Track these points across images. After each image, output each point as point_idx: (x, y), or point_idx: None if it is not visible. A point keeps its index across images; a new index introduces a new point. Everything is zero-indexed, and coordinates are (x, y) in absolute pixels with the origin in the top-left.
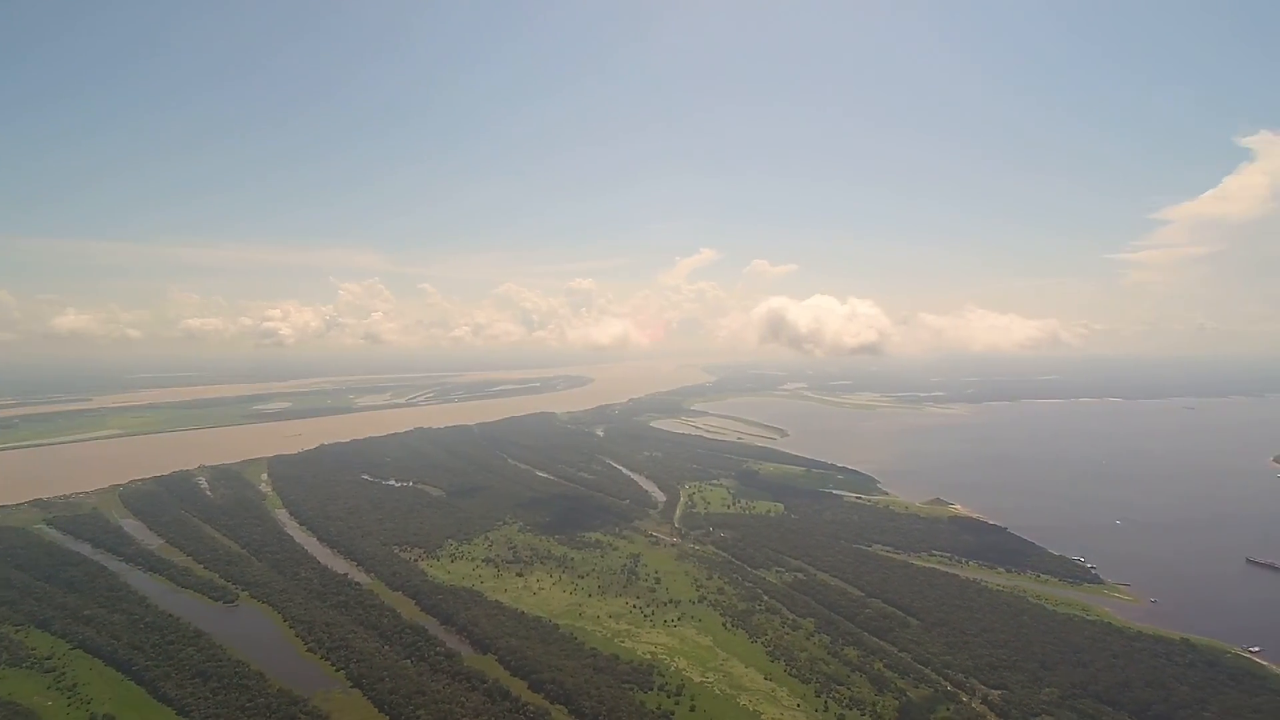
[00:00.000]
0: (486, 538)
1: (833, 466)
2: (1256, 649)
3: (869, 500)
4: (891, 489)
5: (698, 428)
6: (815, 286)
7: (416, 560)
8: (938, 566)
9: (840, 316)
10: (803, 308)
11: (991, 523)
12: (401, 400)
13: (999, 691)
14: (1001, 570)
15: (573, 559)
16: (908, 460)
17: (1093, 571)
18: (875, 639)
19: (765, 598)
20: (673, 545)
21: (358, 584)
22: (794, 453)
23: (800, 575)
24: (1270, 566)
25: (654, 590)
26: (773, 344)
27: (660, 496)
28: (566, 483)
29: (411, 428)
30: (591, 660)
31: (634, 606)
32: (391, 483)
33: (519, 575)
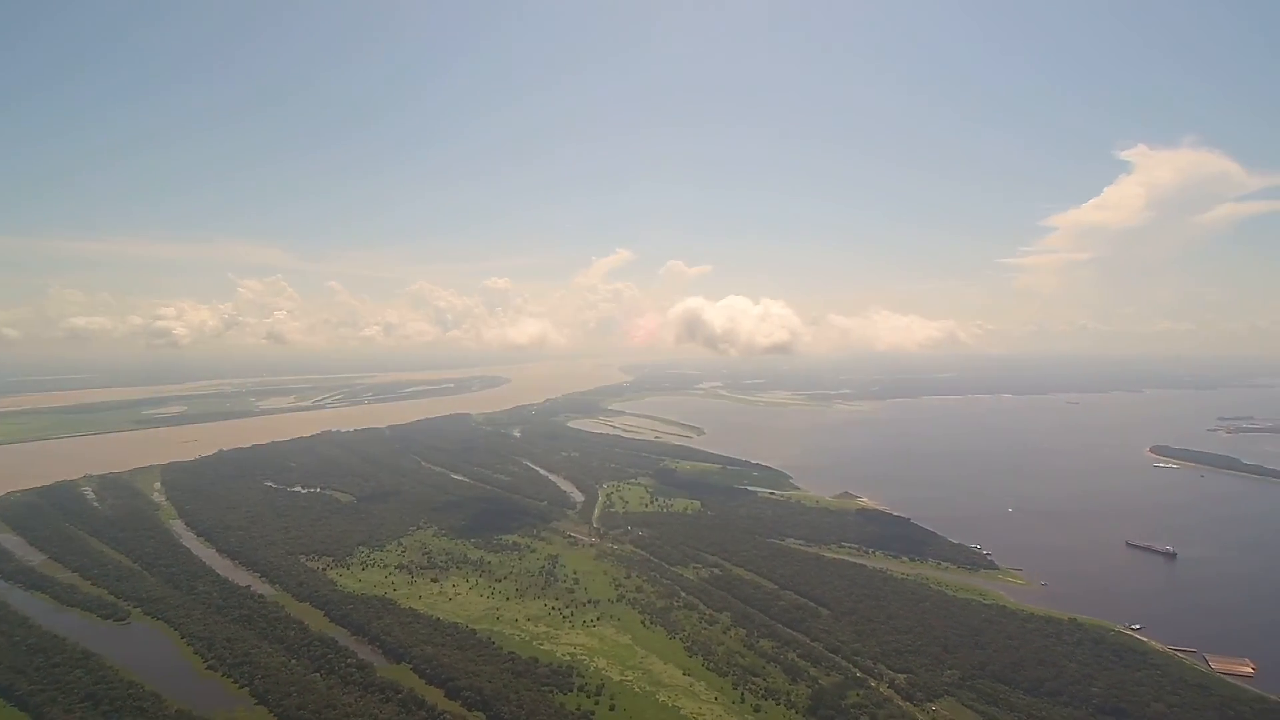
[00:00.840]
0: (399, 544)
1: (748, 463)
2: (1138, 626)
3: (782, 495)
4: (803, 484)
5: (616, 427)
6: (730, 287)
7: (325, 569)
8: (847, 558)
9: (754, 317)
10: (718, 308)
11: (896, 514)
12: (307, 403)
13: (904, 675)
14: (905, 559)
15: (490, 562)
16: (818, 456)
17: (988, 558)
18: (789, 630)
19: (683, 594)
20: (591, 545)
21: (261, 596)
22: (711, 450)
23: (717, 571)
24: (1148, 549)
25: (573, 591)
26: (689, 344)
27: (578, 496)
28: (483, 485)
29: (318, 431)
30: (510, 664)
31: (553, 608)
32: (297, 489)
33: (434, 581)
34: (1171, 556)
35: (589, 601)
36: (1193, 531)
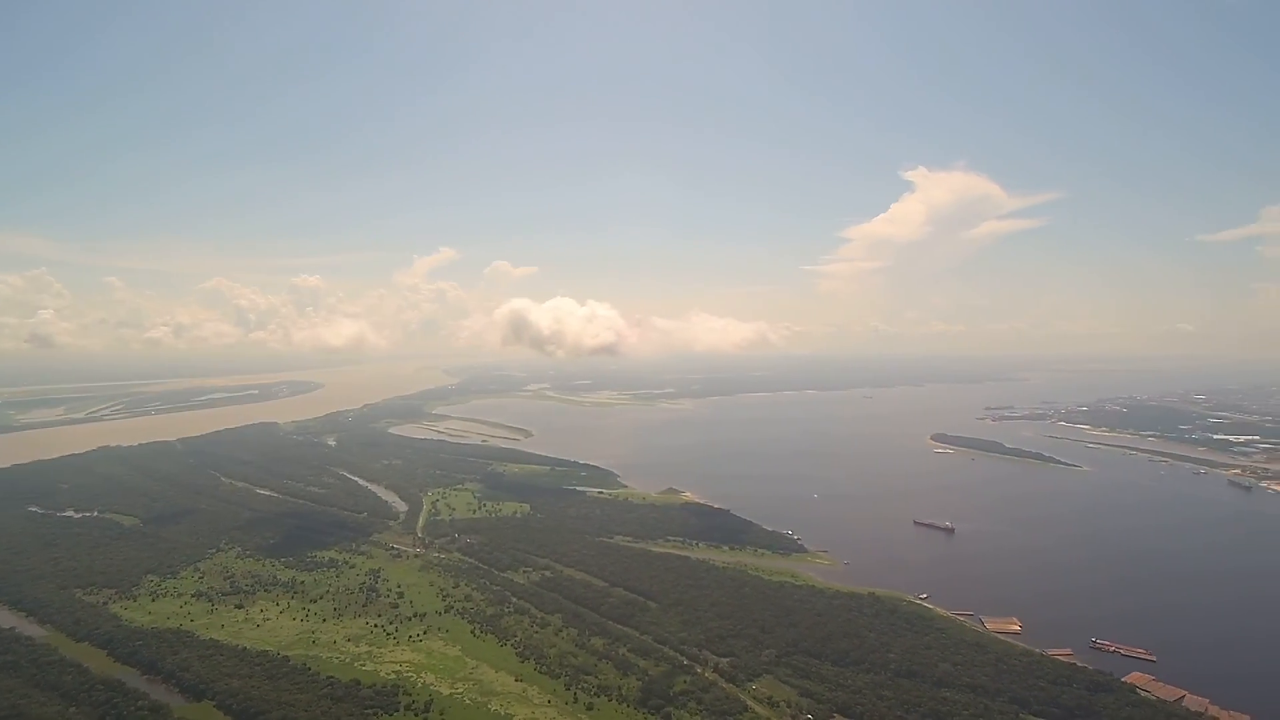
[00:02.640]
0: (196, 569)
1: (576, 464)
2: (925, 595)
3: (610, 494)
4: (630, 482)
5: (440, 432)
6: (556, 289)
7: (107, 603)
8: (673, 551)
9: (580, 319)
10: (544, 310)
11: (716, 506)
12: (81, 414)
13: (727, 659)
14: (726, 548)
15: (303, 582)
16: (644, 453)
17: (799, 542)
18: (619, 626)
19: (514, 599)
20: (416, 556)
21: (30, 639)
22: (539, 452)
23: (548, 573)
24: (931, 526)
25: (397, 606)
26: (516, 345)
27: (401, 506)
28: (293, 499)
29: (95, 447)
30: (329, 690)
31: (375, 626)
32: (69, 514)
33: (238, 607)
34: (951, 532)
35: (415, 615)
36: (967, 508)
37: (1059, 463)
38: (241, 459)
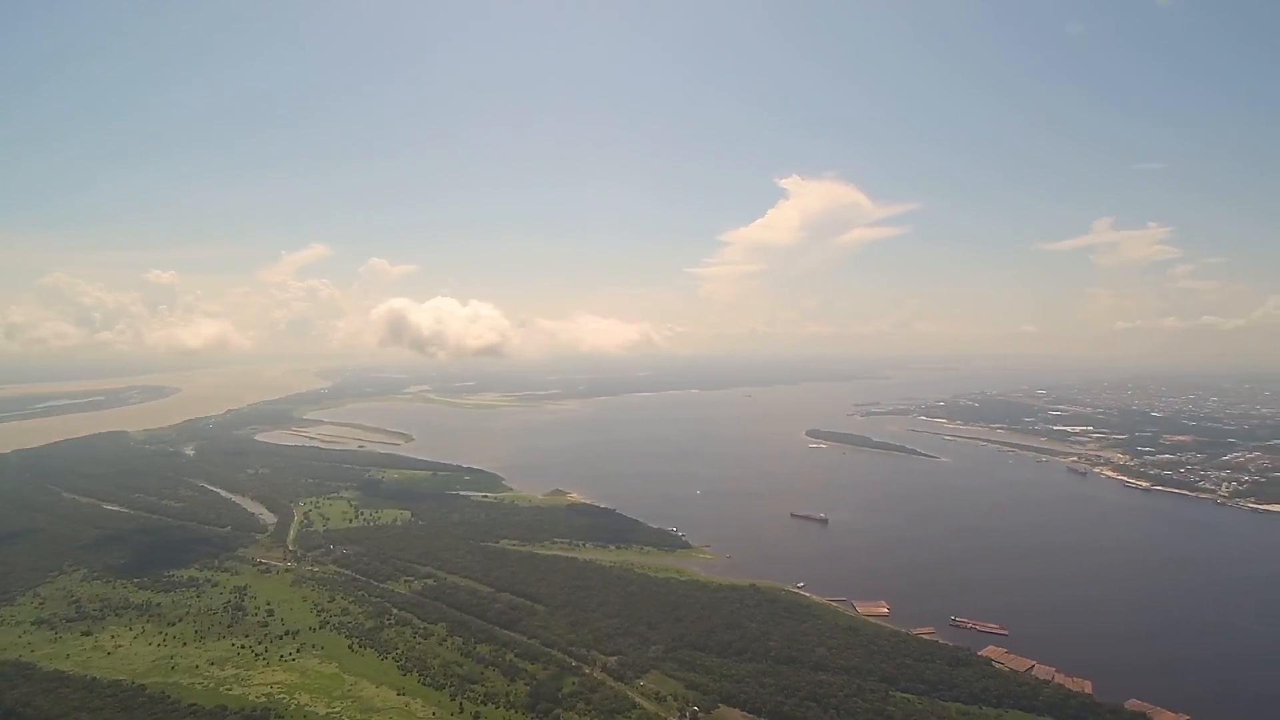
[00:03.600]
0: (36, 594)
1: (459, 467)
2: (802, 584)
3: (495, 497)
4: (515, 484)
5: (313, 438)
6: (436, 288)
7: None
8: (559, 553)
9: (462, 319)
10: (425, 310)
11: (603, 506)
12: None
13: (615, 657)
14: (612, 548)
15: (159, 604)
16: (529, 455)
17: (683, 539)
18: (506, 631)
19: (395, 610)
20: (287, 570)
21: None
22: (420, 457)
23: (430, 581)
24: (807, 517)
25: (266, 624)
26: (394, 346)
27: (270, 518)
28: (147, 514)
29: None
30: (191, 718)
31: (242, 646)
32: None
33: (86, 634)
34: (825, 523)
35: (286, 633)
36: (840, 500)
37: (920, 454)
38: (86, 472)
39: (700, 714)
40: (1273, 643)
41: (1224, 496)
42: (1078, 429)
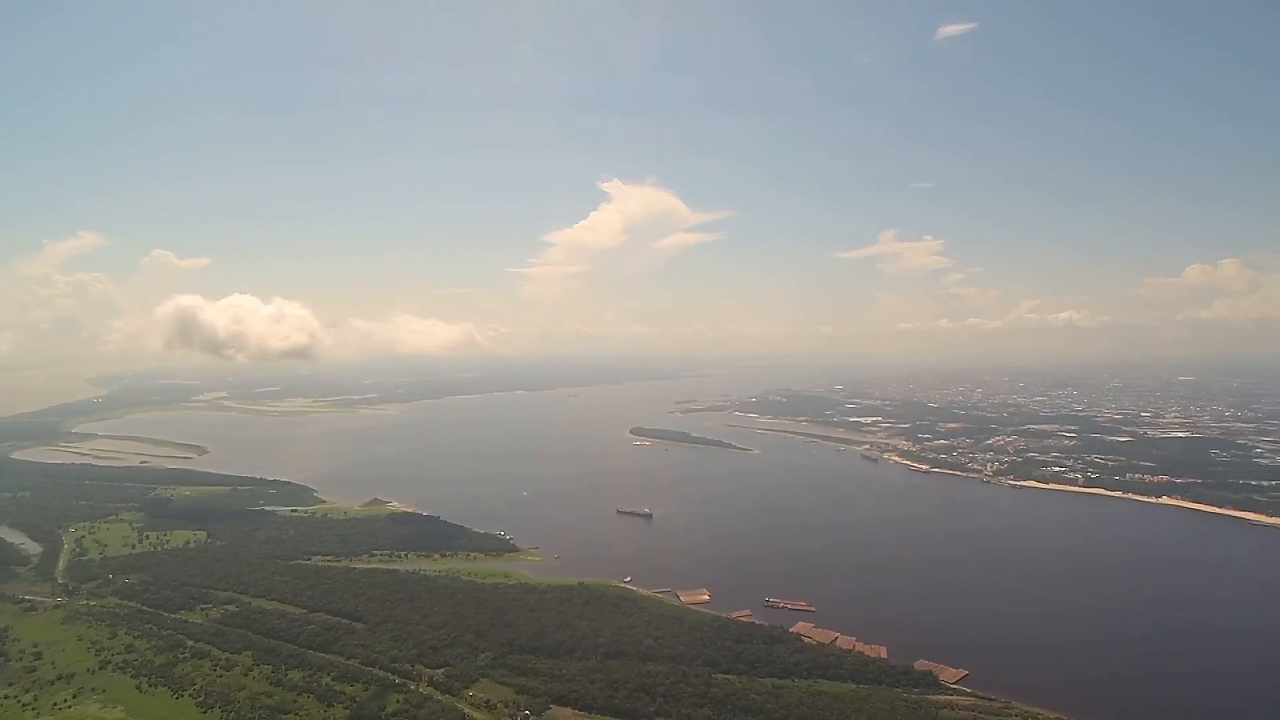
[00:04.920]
0: None
1: (264, 480)
2: (629, 579)
3: (306, 511)
4: (329, 496)
5: (85, 454)
6: (234, 284)
7: None
8: (379, 565)
9: (265, 318)
10: (220, 308)
11: (425, 514)
12: None
13: (442, 669)
14: (437, 556)
15: None
16: (344, 464)
17: (511, 542)
18: (321, 654)
19: (191, 642)
20: (57, 607)
21: None
22: (217, 471)
23: (232, 607)
24: (632, 513)
25: (34, 669)
26: (184, 349)
27: (34, 548)
28: None
29: None
30: None
31: (6, 697)
32: None
33: None
34: (649, 517)
35: (60, 678)
36: (663, 494)
37: (736, 448)
38: None
39: (531, 717)
40: (1034, 600)
41: (988, 475)
42: (869, 420)
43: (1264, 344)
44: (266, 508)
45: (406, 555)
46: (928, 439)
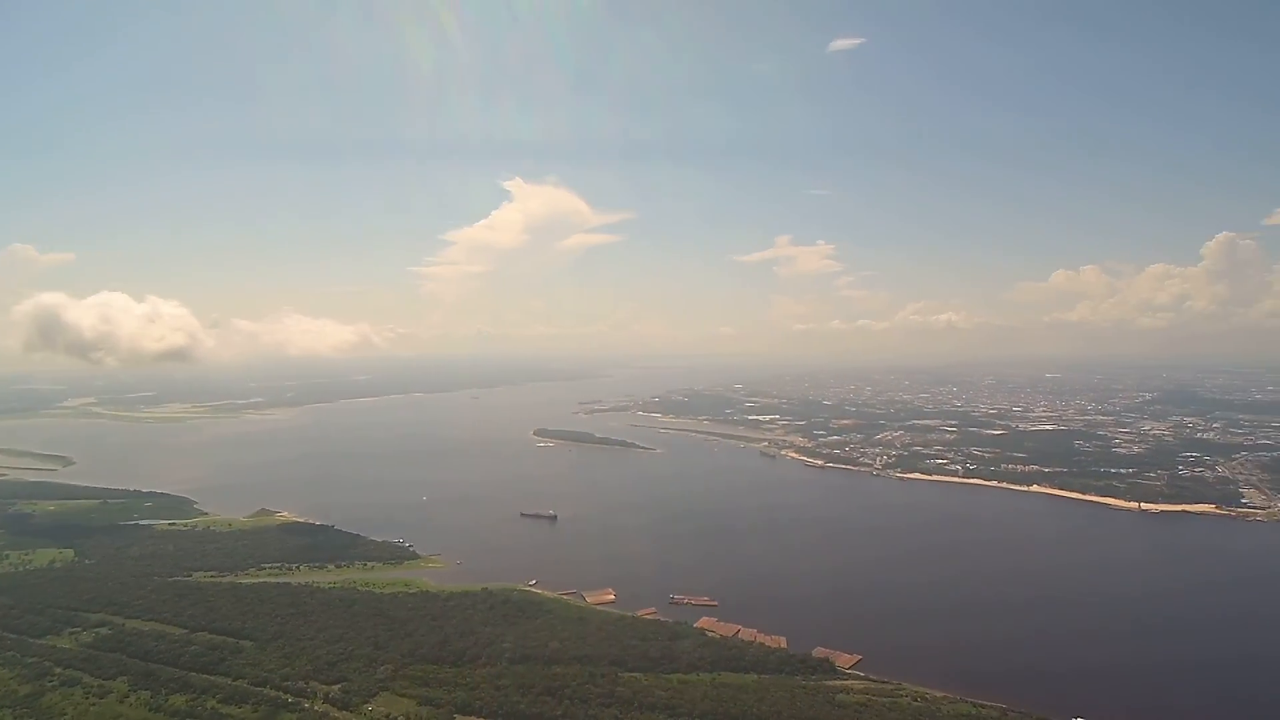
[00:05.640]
0: None
1: (138, 493)
2: (534, 581)
3: (186, 524)
4: (212, 507)
5: None
6: (102, 281)
7: None
8: (269, 579)
9: (138, 318)
10: (87, 307)
11: (319, 523)
12: None
13: (338, 685)
14: (331, 567)
15: None
16: (228, 473)
17: (410, 549)
18: (205, 676)
19: (59, 669)
20: None
21: None
22: (84, 484)
23: (105, 630)
24: (536, 515)
25: None
26: (47, 352)
27: None
28: None
29: None
30: None
31: None
32: None
33: None
34: (553, 519)
35: None
36: (567, 495)
37: (640, 447)
38: None
39: None
40: (920, 585)
41: (878, 469)
42: (768, 418)
43: (1120, 343)
44: (141, 522)
45: (298, 567)
46: (822, 435)
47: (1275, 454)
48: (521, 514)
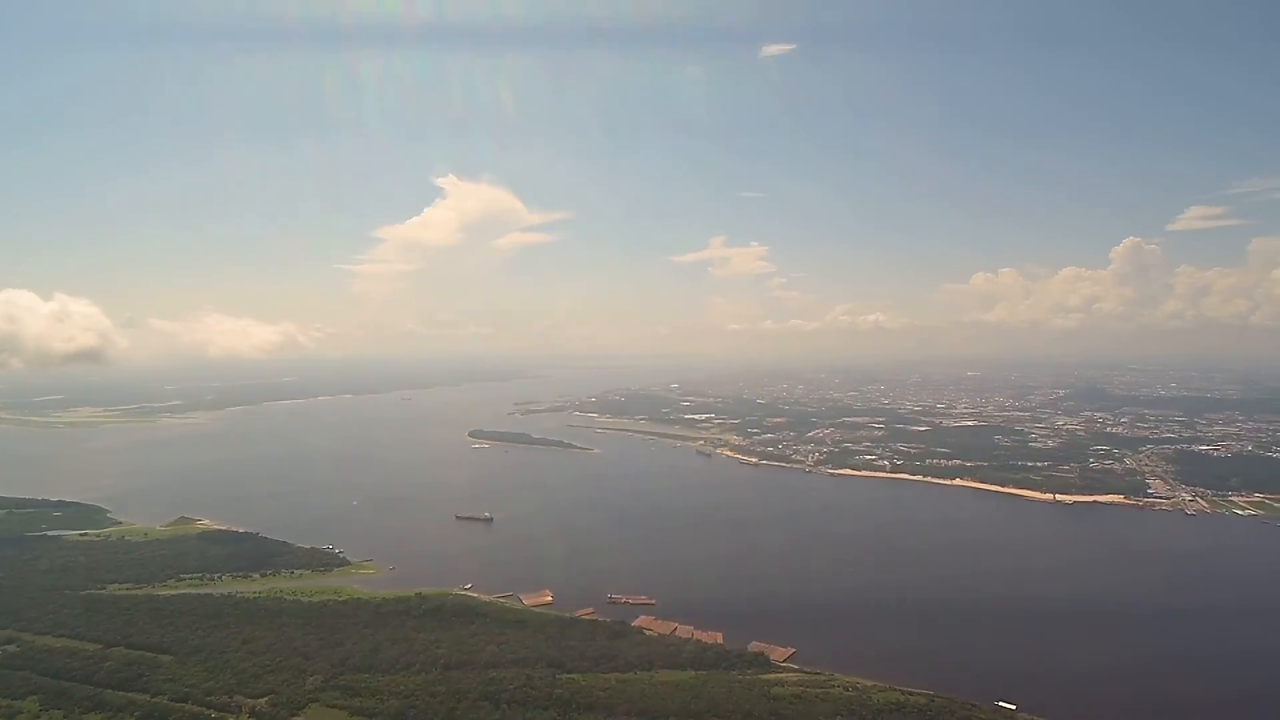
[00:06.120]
0: None
1: (46, 502)
2: (469, 585)
3: (99, 534)
4: (126, 516)
5: None
6: (4, 279)
7: None
8: (189, 591)
9: (45, 317)
10: None
11: (242, 530)
12: None
13: (265, 698)
14: (257, 576)
15: None
16: (144, 480)
17: (341, 555)
18: (122, 693)
19: None
20: None
21: None
22: None
23: (12, 648)
24: (472, 518)
25: None
26: None
27: None
28: None
29: None
30: None
31: None
32: None
33: None
34: (489, 521)
35: None
36: (503, 497)
37: (576, 448)
38: None
39: None
40: (849, 579)
41: (810, 466)
42: (703, 417)
43: (1035, 342)
44: (50, 532)
45: (221, 577)
46: (756, 433)
47: (1178, 446)
48: (457, 517)
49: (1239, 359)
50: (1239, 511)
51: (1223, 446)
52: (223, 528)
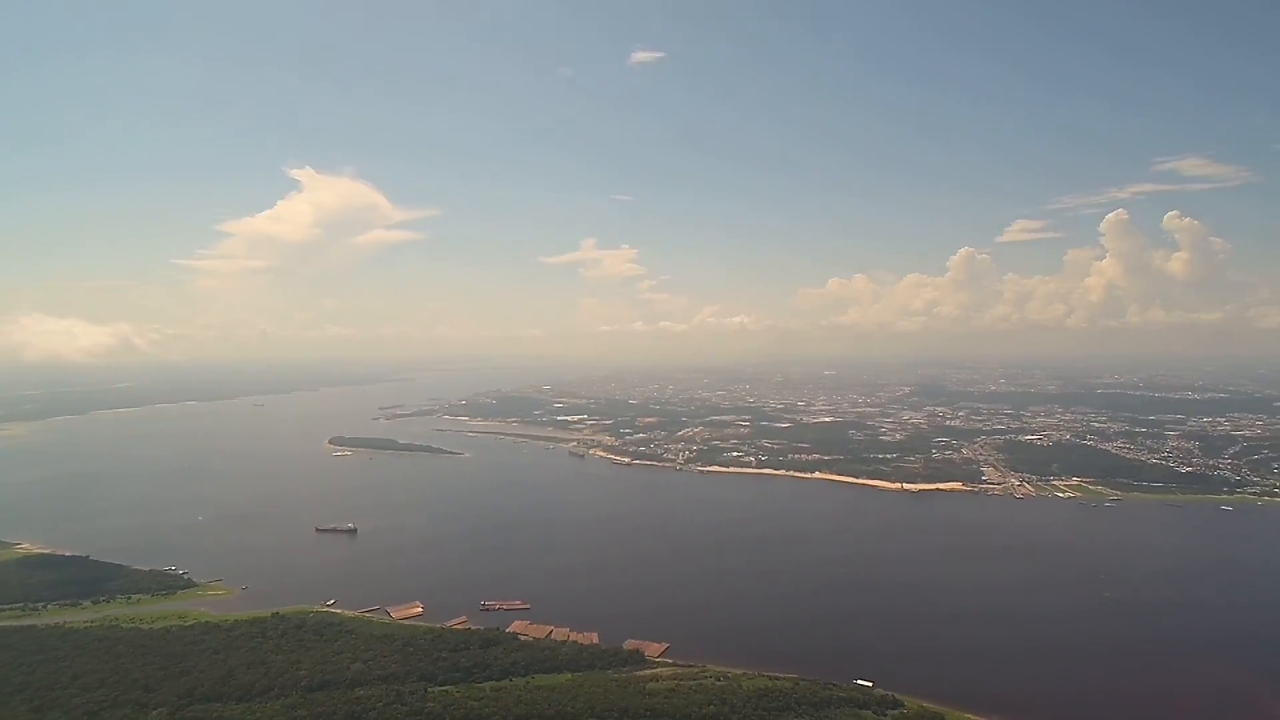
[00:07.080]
0: None
1: None
2: (332, 601)
3: None
4: None
5: None
6: None
7: None
8: (8, 623)
9: None
10: None
11: (70, 554)
12: None
13: None
14: (87, 604)
15: None
16: None
17: (185, 577)
18: None
19: None
20: None
21: None
22: None
23: None
24: (334, 530)
25: None
26: None
27: None
28: None
29: None
30: None
31: None
32: None
33: None
34: (353, 532)
35: None
36: (368, 507)
37: (445, 452)
38: None
39: None
40: (718, 572)
41: (681, 464)
42: (576, 418)
43: (884, 343)
44: None
45: (45, 607)
46: (629, 433)
47: (1008, 437)
48: (317, 529)
49: (1057, 357)
50: (1060, 494)
51: (1045, 436)
52: (46, 551)
